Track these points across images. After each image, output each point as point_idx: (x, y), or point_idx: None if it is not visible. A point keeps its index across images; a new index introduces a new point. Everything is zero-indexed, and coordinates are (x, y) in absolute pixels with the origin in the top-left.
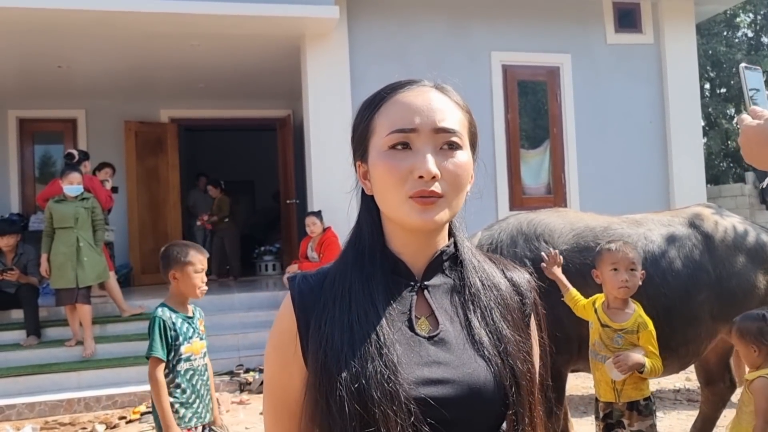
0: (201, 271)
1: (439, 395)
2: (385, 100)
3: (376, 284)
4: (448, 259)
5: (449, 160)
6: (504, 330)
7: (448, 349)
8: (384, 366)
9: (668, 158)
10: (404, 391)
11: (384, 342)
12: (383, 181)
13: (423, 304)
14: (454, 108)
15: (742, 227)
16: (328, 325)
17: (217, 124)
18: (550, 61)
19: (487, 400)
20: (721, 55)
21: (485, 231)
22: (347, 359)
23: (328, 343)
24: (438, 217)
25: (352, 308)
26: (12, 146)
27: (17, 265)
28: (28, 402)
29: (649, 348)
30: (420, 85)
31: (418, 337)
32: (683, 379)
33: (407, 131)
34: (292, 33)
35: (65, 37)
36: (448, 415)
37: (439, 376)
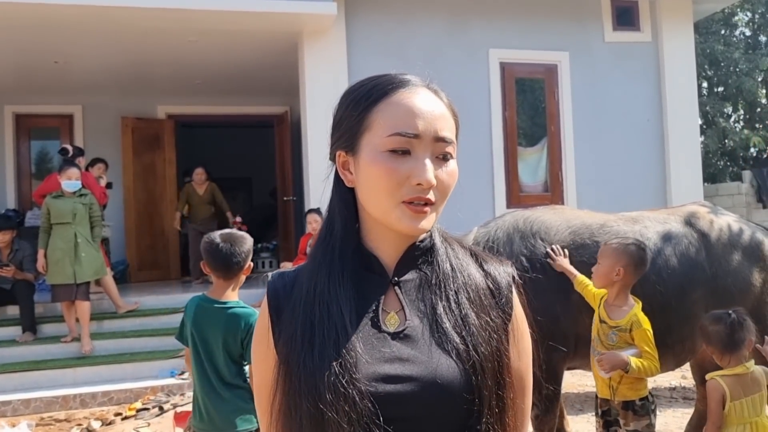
0: None
1: (399, 392)
2: (385, 97)
3: (344, 281)
4: (422, 253)
5: (443, 169)
6: (468, 311)
7: (413, 345)
8: (339, 366)
9: (665, 156)
10: (358, 391)
11: (342, 342)
12: (378, 182)
13: (394, 299)
14: (449, 114)
15: (737, 225)
16: (291, 324)
17: (215, 121)
18: (548, 59)
19: (452, 394)
20: (719, 54)
21: (481, 228)
22: (305, 359)
23: (290, 342)
24: (426, 225)
25: (315, 307)
26: (8, 142)
27: (13, 261)
28: (24, 398)
29: (644, 347)
30: (415, 85)
31: (383, 333)
32: (679, 377)
33: (411, 136)
34: (290, 29)
35: (62, 33)
36: (410, 412)
37: (401, 372)
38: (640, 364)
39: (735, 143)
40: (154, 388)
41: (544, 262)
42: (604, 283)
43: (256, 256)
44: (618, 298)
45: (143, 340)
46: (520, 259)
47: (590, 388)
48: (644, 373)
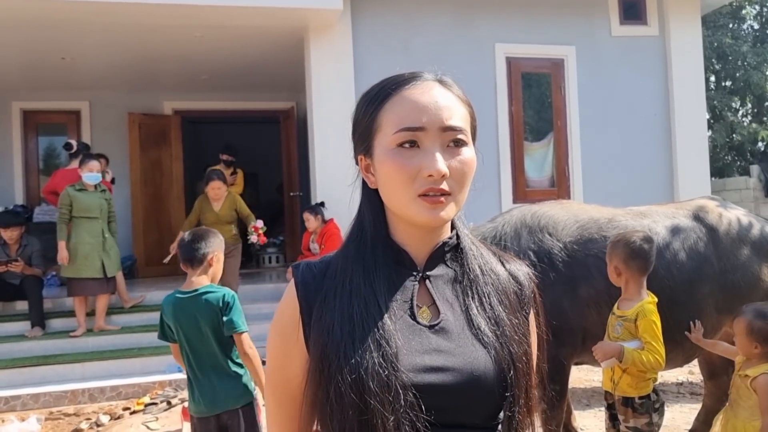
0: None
1: (439, 382)
2: (390, 96)
3: (378, 275)
4: (449, 250)
5: (456, 157)
6: (501, 314)
7: (448, 338)
8: (382, 357)
9: (672, 151)
10: (401, 381)
11: (383, 333)
12: (392, 179)
13: (425, 293)
14: (458, 104)
15: (746, 220)
16: (329, 315)
17: (221, 116)
18: (554, 54)
19: (486, 387)
20: (727, 47)
21: (489, 223)
22: (346, 350)
23: (328, 334)
24: (446, 215)
25: (353, 299)
26: (16, 138)
27: (21, 256)
28: (33, 393)
29: (646, 338)
30: (424, 80)
31: (419, 325)
32: (686, 373)
33: (415, 129)
34: (296, 24)
35: (69, 29)
36: (449, 403)
37: (440, 363)
38: (637, 356)
39: (743, 137)
40: (162, 383)
41: (551, 256)
42: (615, 282)
43: (262, 251)
44: (628, 292)
45: (151, 334)
46: (528, 254)
47: (597, 383)
48: (643, 366)
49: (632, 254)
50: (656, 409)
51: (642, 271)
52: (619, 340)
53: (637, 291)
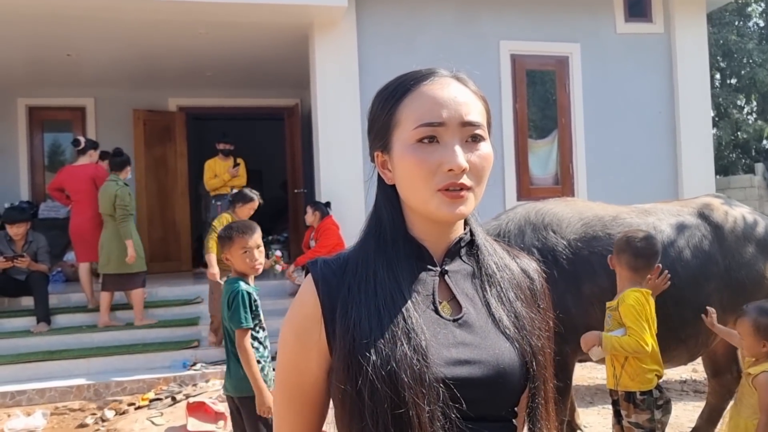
0: (251, 249)
1: (468, 375)
2: (409, 92)
3: (401, 269)
4: (465, 246)
5: (475, 152)
6: (519, 308)
7: (472, 331)
8: (413, 349)
9: (677, 148)
10: (433, 374)
11: (412, 325)
12: (411, 174)
13: (444, 288)
14: (475, 99)
15: (751, 217)
16: (354, 309)
17: (225, 113)
18: (559, 51)
19: (512, 379)
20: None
21: (493, 221)
22: (376, 343)
23: (356, 328)
24: (465, 209)
25: (378, 293)
26: (21, 134)
27: (27, 252)
28: (39, 388)
29: (626, 323)
30: (441, 76)
31: (443, 319)
32: (690, 370)
33: (435, 125)
34: (301, 21)
35: (74, 26)
36: (477, 395)
37: (467, 356)
38: (616, 341)
39: (748, 135)
40: (167, 379)
41: (555, 254)
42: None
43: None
44: (619, 285)
45: (156, 331)
46: (532, 251)
47: (600, 381)
48: (624, 350)
49: (620, 249)
50: (659, 406)
51: (631, 264)
52: (610, 331)
53: (624, 285)
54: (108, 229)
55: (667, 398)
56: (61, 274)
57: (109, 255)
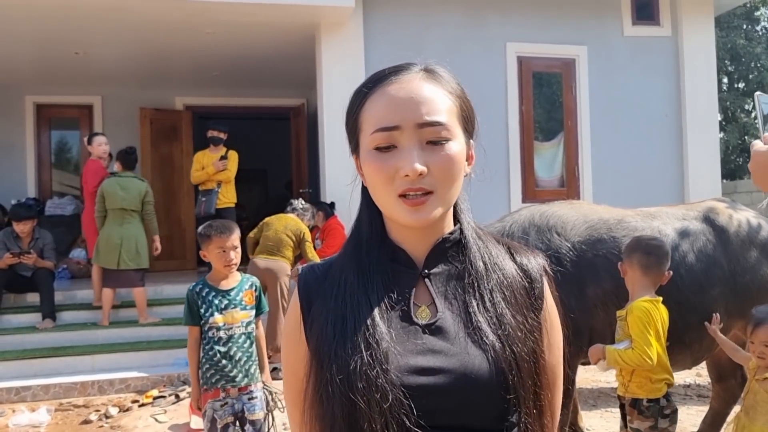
0: (228, 249)
1: (432, 383)
2: (369, 94)
3: (373, 274)
4: (452, 246)
5: (437, 153)
6: (504, 312)
7: (444, 337)
8: (370, 357)
9: (683, 152)
10: (389, 382)
11: (373, 333)
12: (373, 181)
13: (425, 292)
14: (441, 96)
15: (756, 221)
16: (323, 315)
17: (231, 112)
18: (565, 53)
19: (483, 388)
20: (740, 49)
21: (497, 223)
22: (336, 351)
23: (321, 335)
24: (430, 215)
25: (346, 300)
26: (29, 131)
27: (33, 249)
28: (43, 384)
29: (631, 335)
30: (407, 73)
31: (415, 325)
32: (694, 375)
33: (390, 129)
34: (308, 21)
35: (82, 24)
36: (445, 404)
37: (433, 364)
38: (618, 355)
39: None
40: (171, 376)
41: (559, 256)
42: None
43: None
44: (630, 292)
45: (160, 328)
46: None
47: (604, 384)
48: (626, 364)
49: (627, 252)
50: (666, 415)
51: (640, 268)
52: (619, 341)
53: (635, 290)
54: (128, 225)
55: (675, 407)
56: (66, 271)
57: (129, 250)
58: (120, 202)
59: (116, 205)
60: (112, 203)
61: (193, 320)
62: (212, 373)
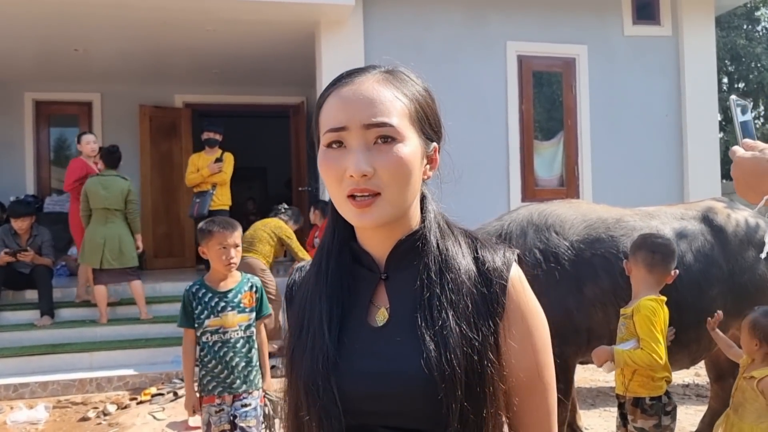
0: (228, 246)
1: (373, 388)
2: (326, 96)
3: (330, 278)
4: (412, 247)
5: (384, 155)
6: (450, 321)
7: (391, 341)
8: (317, 364)
9: (684, 152)
10: (336, 387)
11: (322, 340)
12: (325, 181)
13: (383, 294)
14: (394, 98)
15: (754, 221)
16: (291, 320)
17: (231, 110)
18: (566, 52)
19: (417, 393)
20: (741, 49)
21: (495, 221)
22: (293, 356)
23: (288, 339)
24: (376, 216)
25: (305, 305)
26: (28, 128)
27: (32, 246)
28: (41, 381)
29: (640, 335)
30: (364, 75)
31: (371, 327)
32: (692, 375)
33: (338, 130)
34: (307, 19)
35: (82, 21)
36: (384, 408)
37: (377, 368)
38: (628, 356)
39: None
40: (169, 374)
41: (557, 255)
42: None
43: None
44: (634, 289)
45: (158, 326)
46: (534, 252)
47: (602, 383)
48: (636, 365)
49: (632, 250)
50: (667, 412)
51: (646, 262)
52: (623, 340)
53: (639, 288)
54: (111, 224)
55: (674, 404)
56: (65, 268)
57: (112, 250)
58: (102, 201)
59: (99, 205)
60: (95, 203)
61: (188, 322)
62: (209, 379)
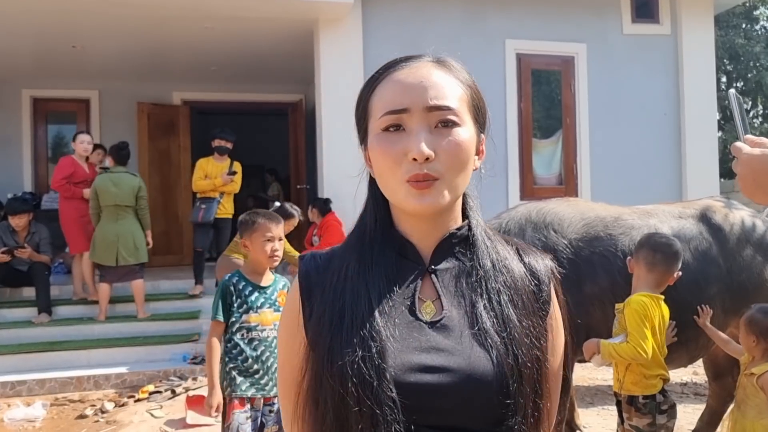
0: (272, 240)
1: (434, 382)
2: (379, 81)
3: (376, 267)
4: (459, 242)
5: (445, 138)
6: (511, 314)
7: (449, 335)
8: (366, 353)
9: (682, 151)
10: (384, 378)
11: (370, 329)
12: (379, 166)
13: (430, 288)
14: (452, 83)
15: (751, 221)
16: (321, 307)
17: (229, 108)
18: (565, 51)
19: (485, 391)
20: (739, 48)
21: (494, 219)
22: (332, 344)
23: (318, 324)
24: (435, 202)
25: (345, 292)
26: (25, 125)
27: (29, 243)
28: (39, 378)
29: (628, 328)
30: (418, 61)
31: (419, 321)
32: (690, 373)
33: (398, 112)
34: (306, 17)
35: (80, 18)
36: (444, 404)
37: (437, 363)
38: (612, 348)
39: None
40: (167, 372)
41: (556, 253)
42: None
43: None
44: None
45: (157, 324)
46: None
47: (600, 382)
48: (620, 358)
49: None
50: (663, 410)
51: (647, 261)
52: (616, 334)
53: (638, 287)
54: (123, 221)
55: (672, 402)
56: (62, 265)
57: (126, 246)
58: (113, 198)
59: (110, 202)
60: (105, 200)
61: (225, 315)
62: (241, 380)
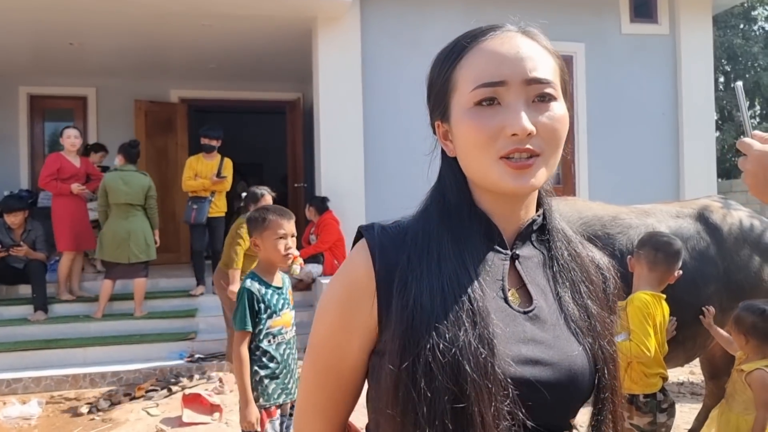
0: (285, 237)
1: (536, 377)
2: (466, 51)
3: (467, 245)
4: (538, 230)
5: (545, 113)
6: (591, 306)
7: (544, 328)
8: (479, 338)
9: (680, 151)
10: (501, 369)
11: (478, 310)
12: (469, 142)
13: (514, 275)
14: (544, 54)
15: (749, 221)
16: (415, 283)
17: (227, 106)
18: (563, 50)
19: (582, 386)
20: (737, 48)
21: None
22: (437, 324)
23: (416, 305)
24: (535, 180)
25: (442, 268)
26: (22, 123)
27: (26, 240)
28: (35, 376)
29: (631, 326)
30: (504, 31)
31: (513, 310)
32: (687, 373)
33: (494, 84)
34: (305, 15)
35: (77, 15)
36: (542, 398)
37: (538, 356)
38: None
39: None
40: (163, 370)
41: None
42: None
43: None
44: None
45: (153, 322)
46: None
47: None
48: (622, 354)
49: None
50: (663, 409)
51: (648, 260)
52: (616, 333)
53: (638, 286)
54: (133, 218)
55: (672, 401)
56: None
57: (138, 244)
58: (123, 196)
59: (120, 200)
60: (115, 198)
61: (253, 324)
62: (273, 387)
